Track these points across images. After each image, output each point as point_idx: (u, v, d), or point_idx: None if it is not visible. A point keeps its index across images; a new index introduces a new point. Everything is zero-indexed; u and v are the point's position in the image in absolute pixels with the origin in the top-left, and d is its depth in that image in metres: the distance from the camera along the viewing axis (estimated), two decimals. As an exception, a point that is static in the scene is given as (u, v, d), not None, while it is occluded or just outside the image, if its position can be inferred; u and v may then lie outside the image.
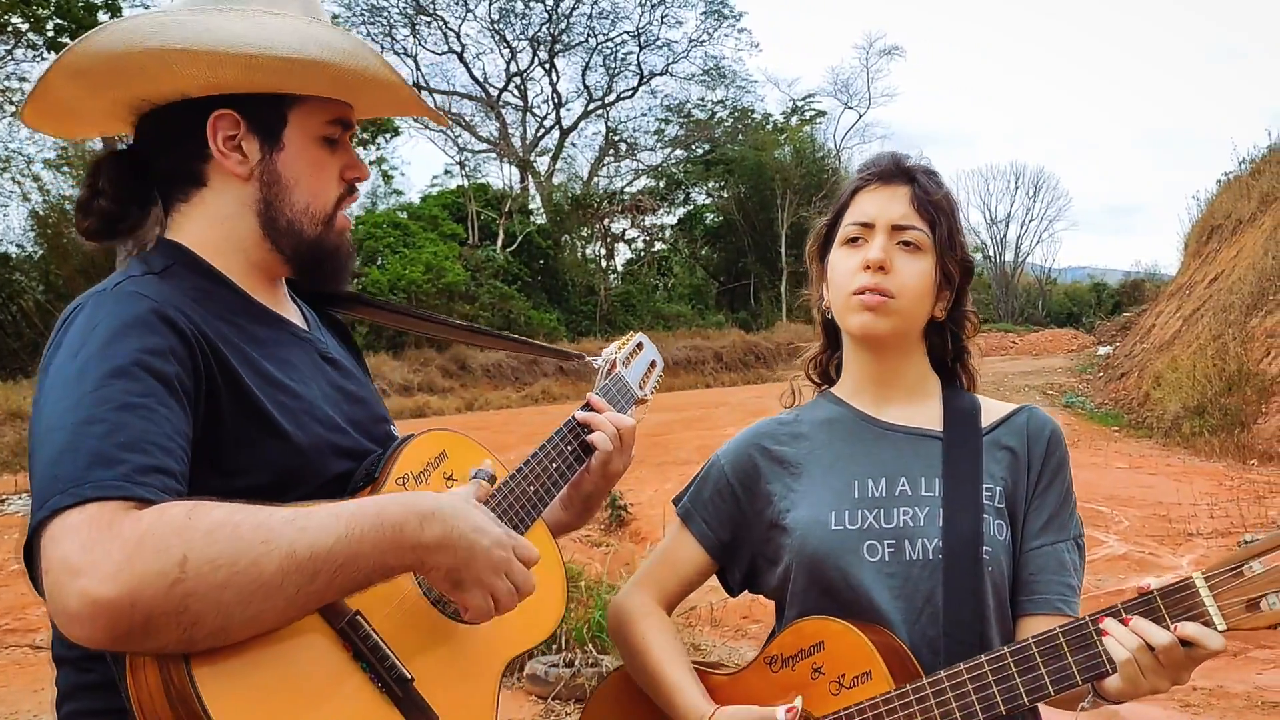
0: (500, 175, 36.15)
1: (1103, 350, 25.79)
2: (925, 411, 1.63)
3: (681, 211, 38.23)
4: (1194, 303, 18.97)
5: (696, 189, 38.11)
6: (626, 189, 36.51)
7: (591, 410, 1.69)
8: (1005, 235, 52.66)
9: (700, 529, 1.69)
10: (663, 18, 35.37)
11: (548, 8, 34.41)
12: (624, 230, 36.50)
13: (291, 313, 1.48)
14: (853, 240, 1.59)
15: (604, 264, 35.48)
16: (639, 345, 1.90)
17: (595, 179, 36.49)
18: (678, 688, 1.57)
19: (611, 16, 35.15)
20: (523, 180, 34.92)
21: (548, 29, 34.87)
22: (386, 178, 30.76)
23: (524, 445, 1.70)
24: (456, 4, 33.59)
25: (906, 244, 1.56)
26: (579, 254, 34.58)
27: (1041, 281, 53.23)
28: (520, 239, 29.69)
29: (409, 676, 1.21)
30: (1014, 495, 1.56)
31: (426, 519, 1.19)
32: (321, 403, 1.38)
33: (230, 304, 1.36)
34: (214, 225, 1.38)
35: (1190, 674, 1.30)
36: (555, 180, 35.53)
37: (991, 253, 52.63)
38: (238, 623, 1.05)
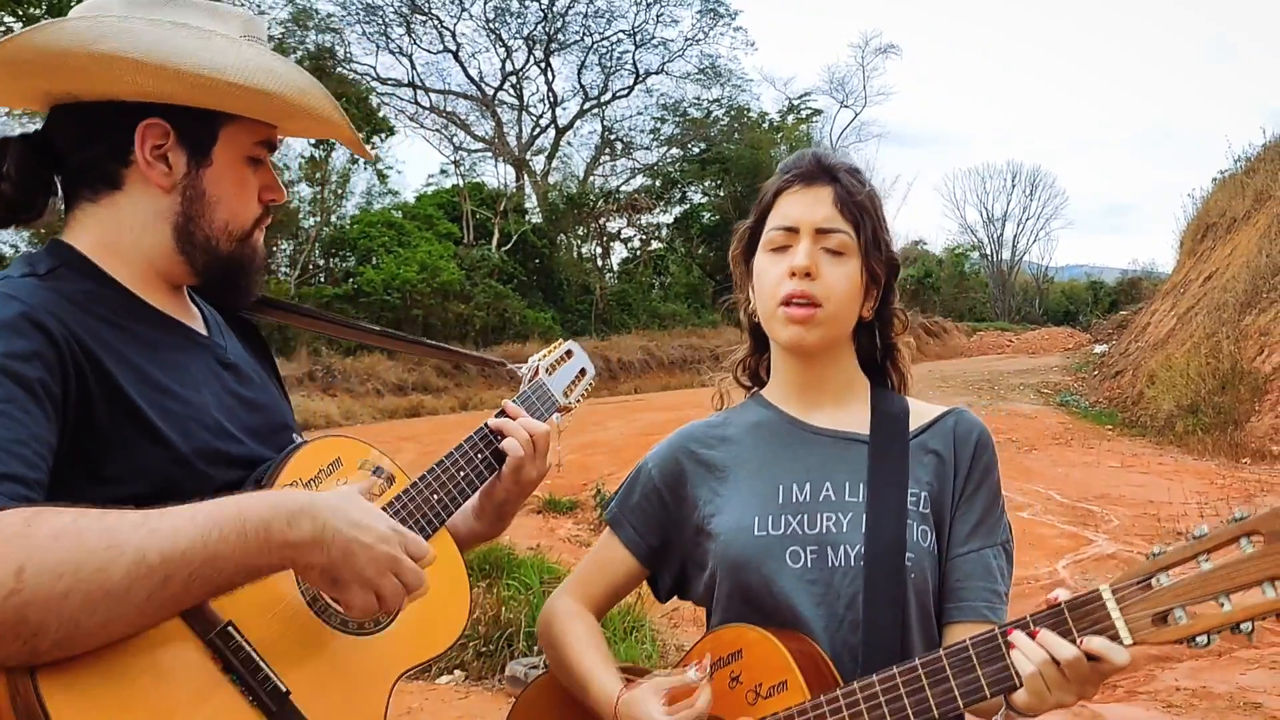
0: (496, 174, 36.09)
1: (1099, 349, 25.73)
2: (853, 415, 1.60)
3: (678, 210, 38.10)
4: (1189, 301, 18.92)
5: (692, 188, 38.00)
6: (622, 188, 36.47)
7: (505, 417, 1.65)
8: (1002, 234, 52.68)
9: (628, 535, 1.66)
10: (658, 16, 35.28)
11: (543, 7, 34.34)
12: (620, 229, 36.38)
13: (190, 316, 1.43)
14: (778, 246, 1.55)
15: (600, 263, 35.42)
16: (567, 353, 1.88)
17: (591, 178, 36.44)
18: (591, 674, 1.54)
19: (607, 15, 35.08)
20: (518, 179, 34.83)
21: (543, 28, 34.79)
22: (382, 177, 30.60)
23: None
24: (452, 3, 33.54)
25: (832, 250, 1.53)
26: (575, 253, 34.52)
27: (1038, 280, 53.16)
28: (515, 238, 29.60)
29: (284, 689, 1.16)
30: (940, 500, 1.52)
31: (295, 516, 1.14)
32: (213, 409, 1.33)
33: (117, 307, 1.31)
34: (121, 230, 1.35)
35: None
36: (551, 179, 35.45)
37: (988, 251, 52.67)
38: (85, 632, 1.01)
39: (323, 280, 26.74)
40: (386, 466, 1.39)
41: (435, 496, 1.48)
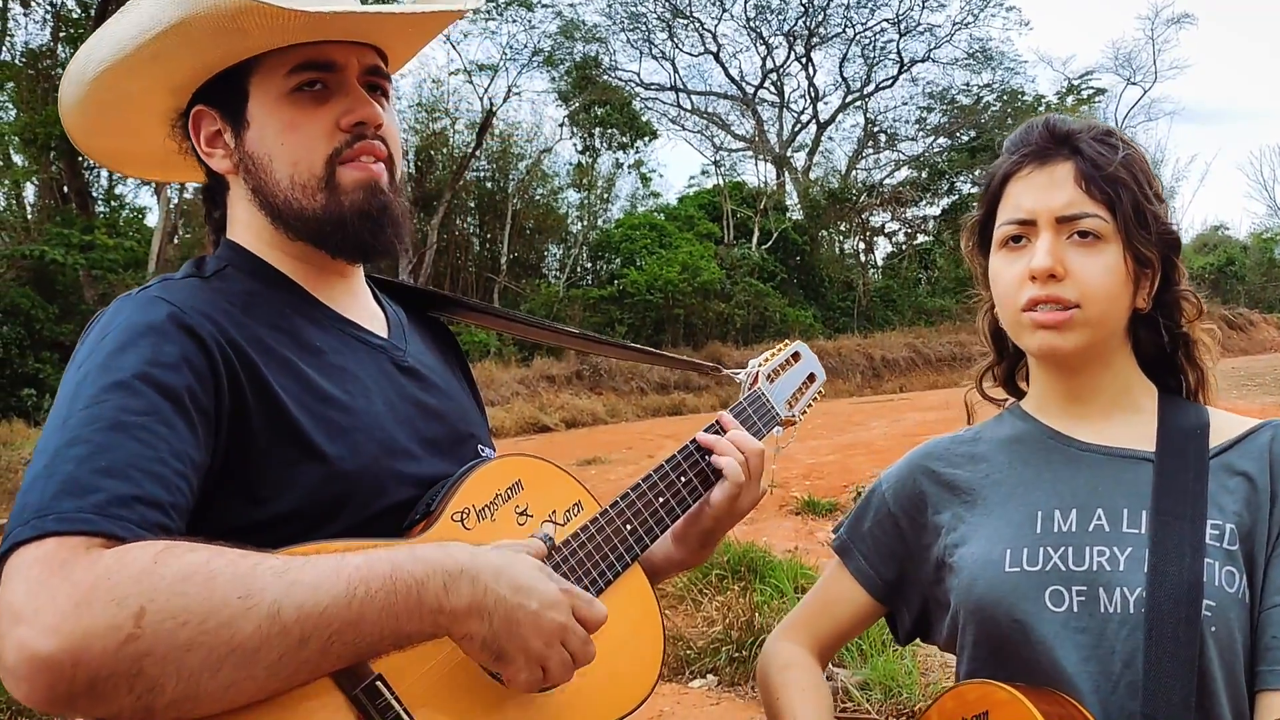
0: (756, 173, 35.88)
1: None
2: (1134, 427, 1.29)
3: (945, 202, 36.46)
4: None
5: (961, 178, 36.19)
6: (886, 181, 35.30)
7: (719, 432, 1.42)
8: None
9: (859, 565, 1.43)
10: (924, 2, 33.91)
11: (803, 1, 33.82)
12: (884, 224, 35.30)
13: (367, 316, 1.30)
14: (1013, 239, 1.26)
15: (863, 259, 34.51)
16: (794, 355, 1.61)
17: (854, 172, 35.54)
18: None
19: (870, 5, 34.02)
20: (779, 177, 34.52)
21: (804, 23, 34.22)
22: (645, 180, 31.28)
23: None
24: (713, 4, 33.66)
25: (1082, 234, 1.21)
26: (837, 249, 33.81)
27: (1368, 266, 46.97)
28: (776, 236, 29.35)
29: None
30: (1252, 536, 1.19)
31: (454, 578, 0.98)
32: (385, 419, 1.20)
33: (283, 308, 1.20)
34: (243, 227, 1.26)
35: None
36: (812, 175, 34.89)
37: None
38: (206, 693, 0.88)
39: (589, 282, 27.56)
40: (549, 528, 1.19)
41: (629, 526, 1.28)
